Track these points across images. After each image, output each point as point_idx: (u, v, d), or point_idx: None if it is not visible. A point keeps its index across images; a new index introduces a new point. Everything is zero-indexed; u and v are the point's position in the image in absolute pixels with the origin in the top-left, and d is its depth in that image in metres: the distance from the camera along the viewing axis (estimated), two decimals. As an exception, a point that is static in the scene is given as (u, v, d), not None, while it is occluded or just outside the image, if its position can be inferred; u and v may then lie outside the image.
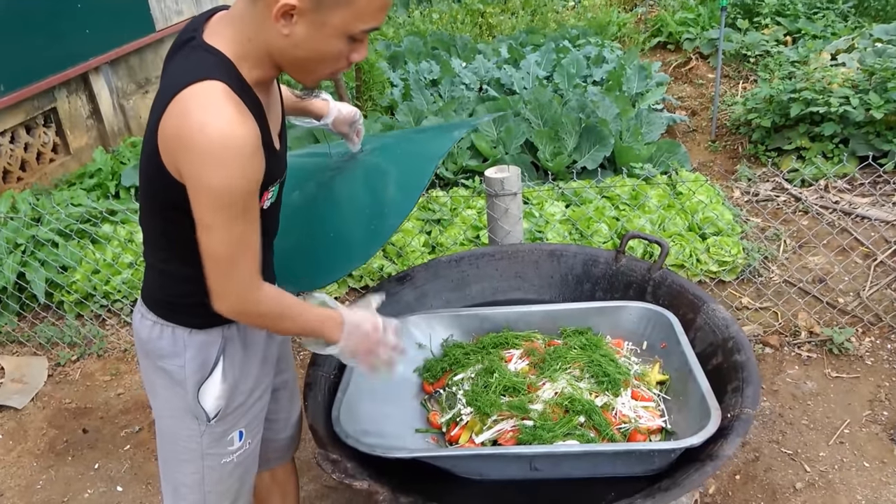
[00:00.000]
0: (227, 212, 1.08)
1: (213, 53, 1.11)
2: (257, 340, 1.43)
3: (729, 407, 1.66)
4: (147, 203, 1.25)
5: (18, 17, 4.38)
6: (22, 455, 2.63)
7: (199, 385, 1.34)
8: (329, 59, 1.12)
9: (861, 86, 4.12)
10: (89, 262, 3.38)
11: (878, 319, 2.82)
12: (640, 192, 3.53)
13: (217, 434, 1.40)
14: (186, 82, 1.05)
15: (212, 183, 1.05)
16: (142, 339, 1.37)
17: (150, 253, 1.33)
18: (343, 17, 1.06)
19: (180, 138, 1.04)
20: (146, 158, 1.16)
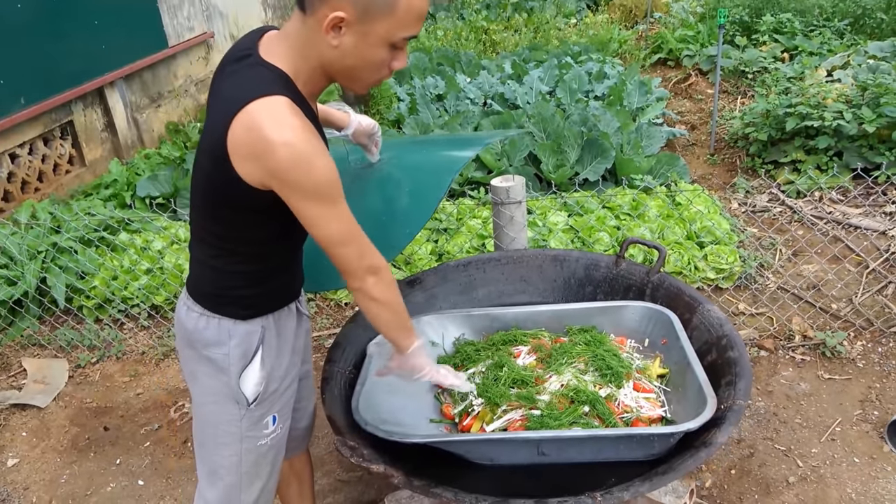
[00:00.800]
0: (329, 201, 1.22)
1: (271, 70, 1.24)
2: (289, 331, 1.55)
3: (723, 399, 1.76)
4: (203, 204, 1.36)
5: (39, 34, 4.54)
6: (46, 451, 2.74)
7: (240, 371, 1.45)
8: (374, 66, 1.25)
9: (854, 101, 4.25)
10: (108, 268, 3.51)
11: (870, 324, 2.93)
12: (639, 202, 3.65)
13: (255, 418, 1.51)
14: (252, 97, 1.18)
15: (308, 183, 1.19)
16: (187, 330, 1.47)
17: (200, 250, 1.44)
18: (386, 26, 1.19)
19: (263, 152, 1.16)
20: (210, 164, 1.26)
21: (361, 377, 1.89)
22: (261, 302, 1.46)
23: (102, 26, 5.16)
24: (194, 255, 1.47)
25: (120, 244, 3.62)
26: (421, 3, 1.20)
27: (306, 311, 1.66)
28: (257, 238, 1.37)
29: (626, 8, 9.03)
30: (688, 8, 8.01)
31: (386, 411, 1.83)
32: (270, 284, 1.47)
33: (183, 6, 6.33)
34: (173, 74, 6.24)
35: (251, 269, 1.41)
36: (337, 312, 3.42)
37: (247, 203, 1.27)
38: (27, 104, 4.41)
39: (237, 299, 1.43)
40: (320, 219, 1.24)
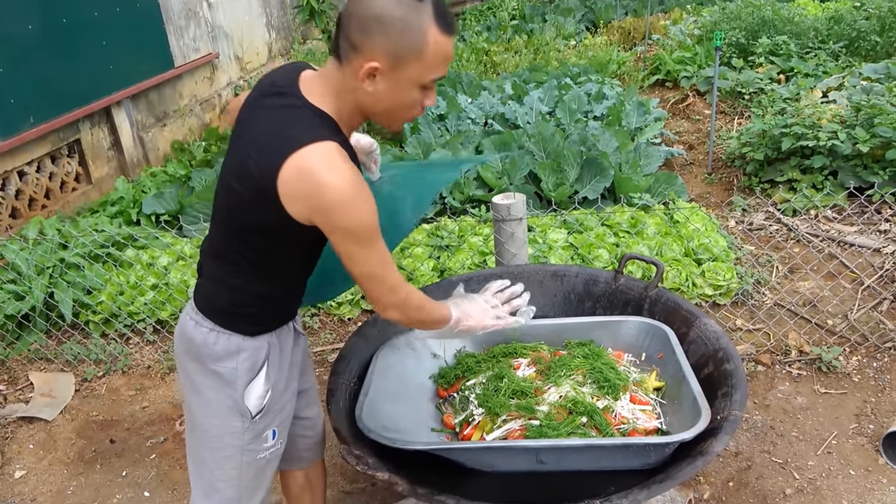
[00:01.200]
0: (367, 242, 1.32)
1: (320, 115, 1.34)
2: (288, 347, 1.61)
3: (719, 410, 1.80)
4: (235, 228, 1.42)
5: (48, 55, 4.63)
6: (53, 463, 2.77)
7: (246, 385, 1.51)
8: (407, 107, 1.36)
9: (849, 121, 4.33)
10: (115, 284, 3.56)
11: (865, 339, 2.98)
12: (638, 220, 3.72)
13: (257, 431, 1.57)
14: (306, 141, 1.27)
15: (352, 226, 1.29)
16: (196, 344, 1.52)
17: (218, 268, 1.50)
18: (416, 71, 1.30)
19: (314, 194, 1.26)
20: (253, 196, 1.33)
21: (365, 387, 1.94)
22: (269, 320, 1.54)
23: (110, 47, 5.27)
24: (209, 272, 1.52)
25: (126, 260, 3.68)
26: (447, 47, 1.30)
27: (302, 329, 1.74)
28: (285, 263, 1.46)
29: (624, 30, 9.16)
30: (685, 30, 8.14)
31: (388, 420, 1.87)
32: (282, 304, 1.55)
33: (189, 27, 6.45)
34: (179, 94, 6.34)
35: (270, 290, 1.49)
36: (340, 328, 3.47)
37: (288, 234, 1.36)
38: (36, 123, 4.49)
39: (250, 317, 1.50)
40: (357, 256, 1.34)
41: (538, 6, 11.08)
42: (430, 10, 1.27)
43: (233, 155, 1.41)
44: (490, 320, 1.67)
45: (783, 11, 7.17)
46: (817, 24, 6.88)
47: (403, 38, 1.25)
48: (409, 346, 2.19)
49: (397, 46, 1.25)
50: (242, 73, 7.58)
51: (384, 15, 1.24)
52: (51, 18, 4.67)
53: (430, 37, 1.27)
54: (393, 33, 1.24)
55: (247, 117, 1.41)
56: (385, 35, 1.25)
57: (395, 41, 1.25)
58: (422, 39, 1.26)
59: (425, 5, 1.26)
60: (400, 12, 1.24)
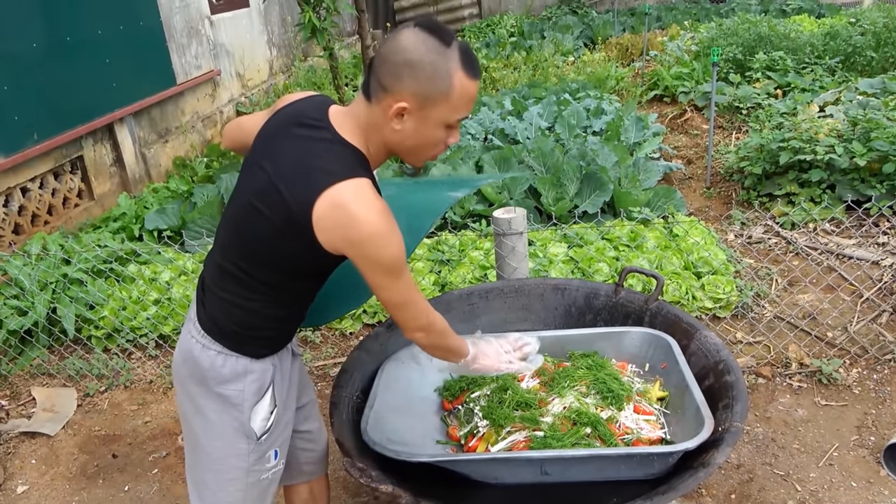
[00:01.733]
0: (395, 274, 1.38)
1: (352, 150, 1.40)
2: (287, 367, 1.64)
3: (720, 421, 1.81)
4: (251, 251, 1.44)
5: (52, 72, 4.68)
6: (55, 478, 2.77)
7: (253, 407, 1.53)
8: (431, 145, 1.42)
9: (846, 135, 4.37)
10: (117, 299, 3.57)
11: (865, 351, 2.99)
12: (638, 234, 3.74)
13: (261, 452, 1.59)
14: (342, 176, 1.33)
15: (383, 259, 1.34)
16: (202, 368, 1.52)
17: (231, 290, 1.49)
18: (442, 112, 1.36)
19: (348, 226, 1.31)
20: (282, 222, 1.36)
21: (370, 400, 1.95)
22: (274, 342, 1.56)
23: (113, 64, 5.32)
24: (220, 293, 1.50)
25: (129, 275, 3.69)
26: (471, 89, 1.37)
27: (298, 349, 1.77)
28: (302, 286, 1.50)
29: (622, 46, 9.25)
30: (682, 46, 8.21)
31: (393, 432, 1.88)
32: (292, 326, 1.59)
33: (191, 45, 6.51)
34: (181, 111, 6.39)
35: (284, 313, 1.53)
36: (342, 342, 3.48)
37: (313, 260, 1.40)
38: (39, 140, 4.53)
39: (259, 339, 1.52)
40: (387, 286, 1.39)
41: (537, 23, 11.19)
42: (457, 56, 1.34)
43: (255, 178, 1.42)
44: (503, 364, 1.71)
45: (779, 28, 7.25)
46: (813, 39, 6.95)
47: (432, 82, 1.32)
48: (413, 360, 2.20)
49: (426, 89, 1.32)
50: (244, 90, 7.64)
51: (415, 61, 1.31)
52: (55, 36, 4.73)
53: (457, 80, 1.33)
54: (422, 77, 1.32)
55: (273, 142, 1.44)
56: (415, 79, 1.32)
57: (424, 84, 1.32)
58: (449, 83, 1.33)
59: (452, 51, 1.33)
60: (430, 58, 1.31)
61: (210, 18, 6.90)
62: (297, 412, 1.78)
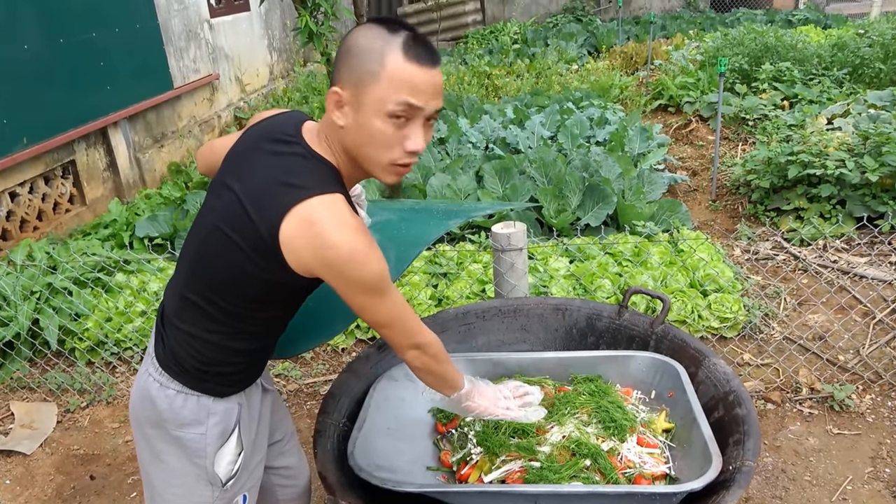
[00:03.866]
0: (378, 292, 1.26)
1: (326, 165, 1.28)
2: (256, 405, 1.50)
3: (731, 459, 1.69)
4: (213, 276, 1.30)
5: (44, 74, 4.57)
6: (29, 500, 2.65)
7: (216, 451, 1.39)
8: (379, 142, 1.24)
9: (856, 149, 4.25)
10: (102, 310, 3.46)
11: (878, 377, 2.86)
12: (642, 249, 3.62)
13: (227, 499, 1.45)
14: (314, 192, 1.21)
15: (363, 279, 1.22)
16: (159, 409, 1.37)
17: (189, 321, 1.35)
18: (373, 95, 1.21)
19: (322, 247, 1.19)
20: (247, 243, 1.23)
21: (359, 421, 1.84)
22: (240, 379, 1.42)
23: (108, 68, 5.22)
24: (180, 326, 1.36)
25: (115, 286, 3.58)
26: (411, 73, 1.21)
27: (270, 385, 1.63)
28: (270, 315, 1.36)
29: (626, 55, 9.15)
30: (687, 56, 8.11)
31: (382, 457, 1.77)
32: (259, 361, 1.45)
33: (189, 49, 6.41)
34: (177, 115, 6.29)
35: (251, 346, 1.39)
36: (333, 358, 3.35)
37: (281, 285, 1.28)
38: (29, 143, 4.42)
39: (221, 376, 1.38)
40: (371, 306, 1.28)
41: (540, 30, 11.10)
42: (400, 40, 1.22)
43: (221, 199, 1.30)
44: (500, 409, 1.60)
45: (786, 38, 7.14)
46: (820, 50, 6.84)
47: (361, 62, 1.22)
48: (408, 378, 2.08)
49: (356, 71, 1.22)
50: (243, 94, 7.54)
51: (353, 46, 1.23)
52: (48, 39, 4.62)
53: (390, 60, 1.20)
54: (355, 60, 1.22)
55: (242, 160, 1.32)
56: (348, 63, 1.23)
57: (355, 67, 1.22)
58: (378, 61, 1.21)
59: (394, 37, 1.22)
60: (366, 41, 1.22)
61: (209, 22, 6.81)
62: (272, 447, 1.66)
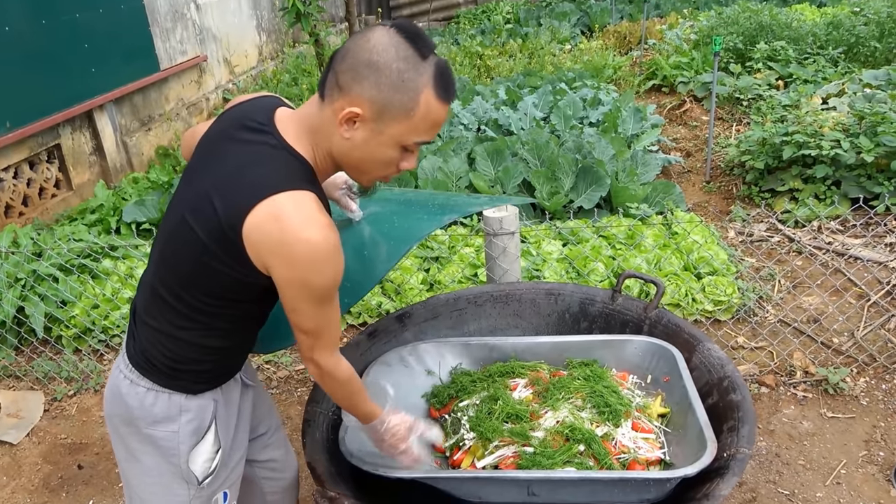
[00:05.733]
0: (317, 302, 1.22)
1: (298, 160, 1.22)
2: (235, 401, 1.46)
3: (725, 446, 1.67)
4: (180, 270, 1.26)
5: (27, 56, 4.47)
6: (16, 491, 2.61)
7: (191, 449, 1.36)
8: (381, 163, 1.23)
9: (851, 129, 4.20)
10: (89, 296, 3.40)
11: (873, 360, 2.85)
12: (635, 232, 3.58)
13: (205, 497, 1.42)
14: (283, 187, 1.15)
15: (311, 283, 1.18)
16: (130, 407, 1.35)
17: (159, 316, 1.31)
18: (399, 130, 1.18)
19: (284, 244, 1.15)
20: (210, 235, 1.19)
21: None
22: (214, 376, 1.38)
23: (93, 49, 5.11)
24: (150, 322, 1.32)
25: (102, 272, 3.52)
26: (439, 113, 1.20)
27: (251, 380, 1.58)
28: (240, 312, 1.31)
29: (620, 35, 9.06)
30: (681, 35, 8.03)
31: None
32: (233, 358, 1.41)
33: (176, 30, 6.30)
34: (165, 97, 6.19)
35: (223, 343, 1.34)
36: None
37: (246, 281, 1.23)
38: (13, 127, 4.33)
39: (192, 373, 1.34)
40: (306, 312, 1.23)
41: (533, 10, 10.98)
42: (432, 71, 1.17)
43: (190, 189, 1.25)
44: (396, 454, 1.54)
45: (781, 16, 7.07)
46: (816, 29, 6.78)
47: (395, 93, 1.15)
48: (402, 363, 2.07)
49: (386, 98, 1.15)
50: (231, 76, 7.43)
51: (381, 63, 1.14)
52: (30, 20, 4.52)
53: (423, 99, 1.17)
54: (385, 84, 1.14)
55: (212, 148, 1.27)
56: (376, 84, 1.14)
57: (386, 92, 1.15)
58: (413, 99, 1.16)
59: (427, 66, 1.16)
60: (398, 66, 1.14)
61: (196, 2, 6.68)
62: (256, 441, 1.63)
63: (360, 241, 1.66)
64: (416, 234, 1.63)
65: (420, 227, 1.67)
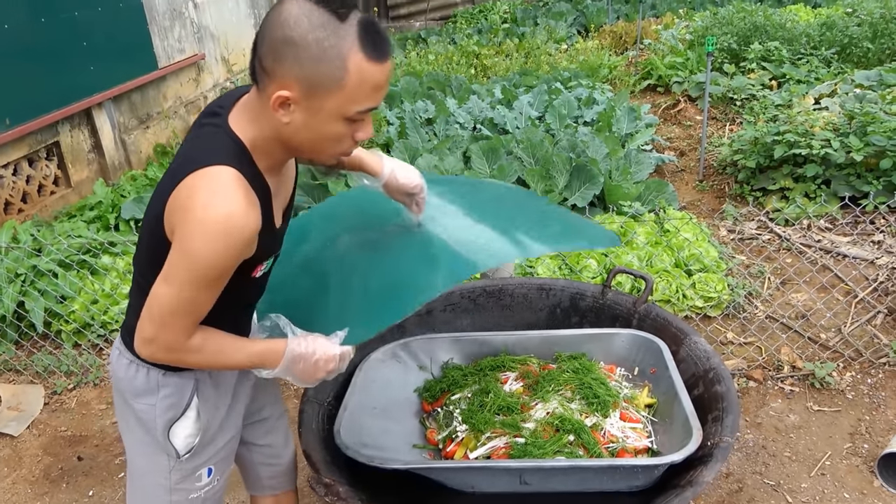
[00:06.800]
0: (192, 279, 1.16)
1: (233, 140, 1.20)
2: (227, 381, 1.49)
3: (710, 435, 1.72)
4: (147, 265, 1.28)
5: (26, 54, 4.51)
6: (17, 482, 2.66)
7: (169, 424, 1.40)
8: (332, 139, 1.19)
9: (842, 129, 4.26)
10: (88, 292, 3.44)
11: (859, 355, 2.90)
12: (627, 229, 3.63)
13: (187, 470, 1.46)
14: (205, 163, 1.15)
15: (193, 252, 1.14)
16: (118, 377, 1.41)
17: (137, 297, 1.35)
18: (336, 102, 1.13)
19: (184, 209, 1.14)
20: (152, 219, 1.22)
21: (345, 400, 1.87)
22: None
23: (92, 47, 5.14)
24: (132, 300, 1.38)
25: (101, 268, 3.56)
26: (376, 75, 1.13)
27: None
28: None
29: (615, 34, 9.11)
30: (677, 35, 8.09)
31: (368, 435, 1.81)
32: None
33: (174, 28, 6.33)
34: (163, 95, 6.22)
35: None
36: (321, 339, 3.36)
37: None
38: (12, 125, 4.36)
39: None
40: (170, 283, 1.18)
41: (530, 9, 11.03)
42: (355, 31, 1.10)
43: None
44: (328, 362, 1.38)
45: (775, 17, 7.13)
46: (809, 30, 6.83)
47: (319, 66, 1.10)
48: (394, 358, 2.12)
49: (312, 74, 1.10)
50: (229, 74, 7.46)
51: (297, 38, 1.08)
52: (29, 18, 4.55)
53: (353, 64, 1.10)
54: (306, 59, 1.09)
55: (185, 137, 1.32)
56: (297, 61, 1.09)
57: (309, 68, 1.10)
58: (341, 67, 1.10)
59: (347, 27, 1.10)
60: (314, 35, 1.08)
61: (194, 0, 6.71)
62: (257, 425, 1.67)
63: (416, 252, 1.57)
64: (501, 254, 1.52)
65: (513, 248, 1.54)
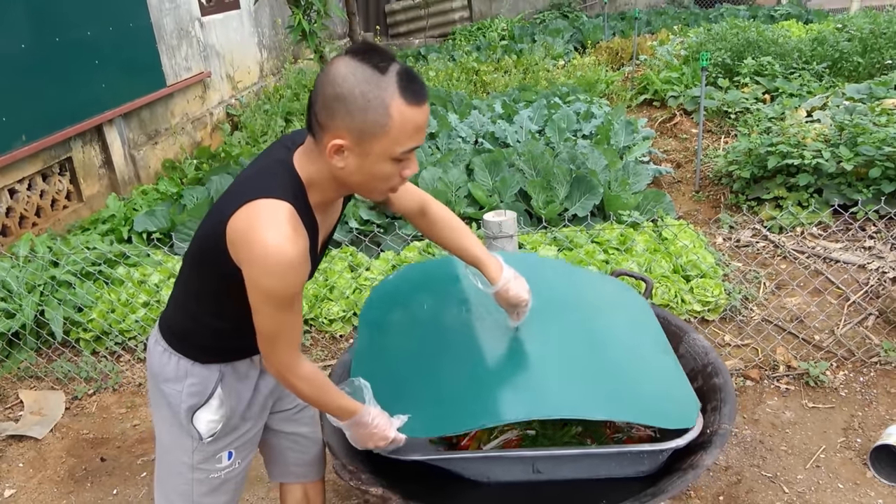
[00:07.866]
0: (272, 305, 1.33)
1: (291, 175, 1.36)
2: (250, 376, 1.64)
3: (709, 424, 1.83)
4: (195, 265, 1.48)
5: (41, 73, 4.65)
6: (43, 482, 2.75)
7: (193, 410, 1.56)
8: (381, 179, 1.34)
9: (833, 140, 4.41)
10: (106, 301, 3.55)
11: (851, 354, 3.02)
12: (627, 237, 3.76)
13: (209, 452, 1.61)
14: (263, 194, 1.31)
15: (263, 284, 1.30)
16: (152, 362, 1.60)
17: (178, 292, 1.56)
18: (383, 146, 1.28)
19: (247, 243, 1.29)
20: (210, 236, 1.37)
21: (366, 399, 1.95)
22: (219, 352, 1.57)
23: (103, 66, 5.29)
24: (175, 292, 1.58)
25: (118, 278, 3.67)
26: (416, 118, 1.27)
27: None
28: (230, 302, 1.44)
29: (612, 50, 9.29)
30: (672, 51, 8.26)
31: None
32: (232, 341, 1.56)
33: (181, 47, 6.49)
34: (170, 112, 6.36)
35: (219, 324, 1.51)
36: (332, 344, 3.47)
37: (230, 275, 1.36)
38: (28, 141, 4.49)
39: (202, 346, 1.55)
40: (260, 312, 1.35)
41: (527, 27, 11.23)
42: (394, 81, 1.24)
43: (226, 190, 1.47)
44: (378, 441, 1.61)
45: (767, 33, 7.30)
46: (801, 45, 7.01)
47: (366, 115, 1.24)
48: None
49: (361, 123, 1.25)
50: (234, 91, 7.62)
51: (346, 93, 1.23)
52: (44, 37, 4.70)
53: (395, 110, 1.24)
54: (355, 110, 1.24)
55: (259, 156, 1.47)
56: (347, 113, 1.24)
57: (358, 118, 1.24)
58: (384, 114, 1.24)
59: (388, 78, 1.24)
60: (361, 89, 1.23)
61: (200, 20, 6.88)
62: (281, 414, 1.80)
63: (513, 374, 1.77)
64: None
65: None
